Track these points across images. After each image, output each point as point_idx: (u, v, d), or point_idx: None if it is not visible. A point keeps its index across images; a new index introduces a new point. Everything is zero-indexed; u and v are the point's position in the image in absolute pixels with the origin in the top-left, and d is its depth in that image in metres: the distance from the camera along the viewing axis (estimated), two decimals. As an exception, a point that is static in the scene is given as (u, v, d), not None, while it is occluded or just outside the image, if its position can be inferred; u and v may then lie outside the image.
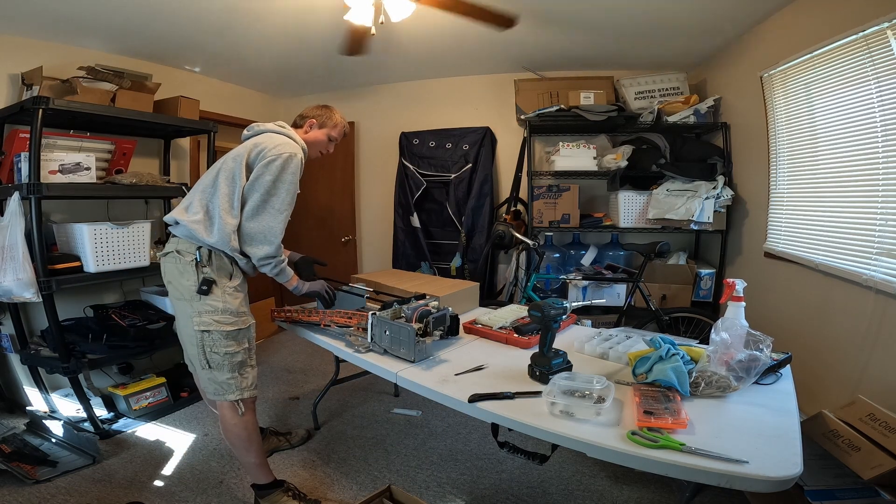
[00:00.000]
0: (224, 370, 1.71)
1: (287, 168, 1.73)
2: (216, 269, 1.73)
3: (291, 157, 1.74)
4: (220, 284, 1.72)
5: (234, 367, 1.72)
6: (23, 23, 2.45)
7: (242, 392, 1.74)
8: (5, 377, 2.60)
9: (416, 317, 1.68)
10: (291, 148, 1.77)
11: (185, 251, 1.73)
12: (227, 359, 1.70)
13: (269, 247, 1.74)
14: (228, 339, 1.70)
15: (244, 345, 1.76)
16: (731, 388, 1.32)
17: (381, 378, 1.69)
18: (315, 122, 2.00)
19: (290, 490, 1.83)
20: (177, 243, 1.76)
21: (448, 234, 3.94)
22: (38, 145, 2.16)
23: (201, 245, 1.71)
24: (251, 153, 1.75)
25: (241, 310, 1.76)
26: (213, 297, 1.70)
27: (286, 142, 1.79)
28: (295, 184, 1.77)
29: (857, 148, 1.99)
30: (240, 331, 1.74)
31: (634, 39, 2.98)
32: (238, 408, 1.73)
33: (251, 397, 1.78)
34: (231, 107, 3.89)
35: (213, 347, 1.69)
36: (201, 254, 1.71)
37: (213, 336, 1.68)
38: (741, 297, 1.44)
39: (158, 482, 2.00)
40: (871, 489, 1.36)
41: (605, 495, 1.90)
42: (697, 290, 3.13)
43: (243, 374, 1.75)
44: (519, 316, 2.01)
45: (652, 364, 1.38)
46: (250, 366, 1.79)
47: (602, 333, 1.87)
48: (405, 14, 2.14)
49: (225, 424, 1.77)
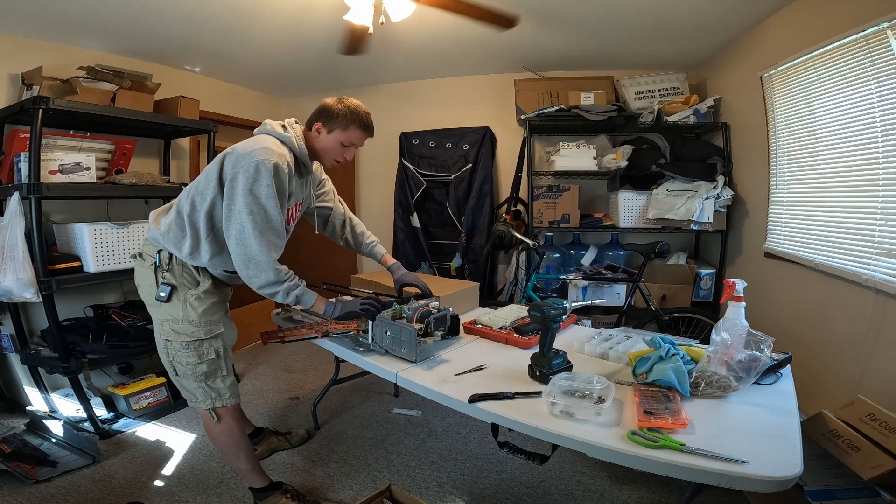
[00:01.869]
0: (190, 380, 1.63)
1: (258, 180, 1.46)
2: (178, 275, 1.60)
3: (260, 165, 1.46)
4: (180, 291, 1.60)
5: (200, 377, 1.63)
6: (23, 23, 2.45)
7: (214, 402, 1.65)
8: (5, 377, 2.60)
9: (416, 317, 1.68)
10: (263, 154, 1.48)
11: (146, 254, 1.64)
12: (190, 369, 1.61)
13: (262, 273, 1.52)
14: (189, 351, 1.60)
15: (209, 356, 1.63)
16: (732, 388, 1.32)
17: (381, 378, 1.69)
18: (322, 126, 1.67)
19: (289, 491, 1.80)
20: (143, 245, 1.68)
21: (448, 234, 3.95)
22: (38, 145, 2.17)
23: (162, 248, 1.60)
24: (225, 161, 1.54)
25: (205, 318, 1.61)
26: (172, 304, 1.59)
27: (260, 148, 1.51)
28: (271, 198, 1.49)
29: (857, 148, 1.99)
30: (202, 342, 1.61)
31: (634, 39, 2.98)
32: (212, 416, 1.66)
33: (228, 406, 1.69)
34: (231, 107, 3.90)
35: (176, 357, 1.61)
36: (161, 258, 1.59)
37: (173, 346, 1.60)
38: (741, 297, 1.44)
39: (158, 482, 2.00)
40: (871, 489, 1.36)
41: (605, 495, 1.90)
42: (697, 290, 3.13)
43: (212, 384, 1.65)
44: (519, 316, 2.01)
45: (652, 364, 1.38)
46: (221, 376, 1.67)
47: (602, 333, 1.87)
48: (405, 14, 2.14)
49: (207, 431, 1.74)
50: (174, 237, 1.59)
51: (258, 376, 3.20)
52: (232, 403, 1.70)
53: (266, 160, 1.48)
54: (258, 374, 3.25)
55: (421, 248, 3.95)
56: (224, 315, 1.73)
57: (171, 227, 1.59)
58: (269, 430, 2.28)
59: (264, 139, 1.58)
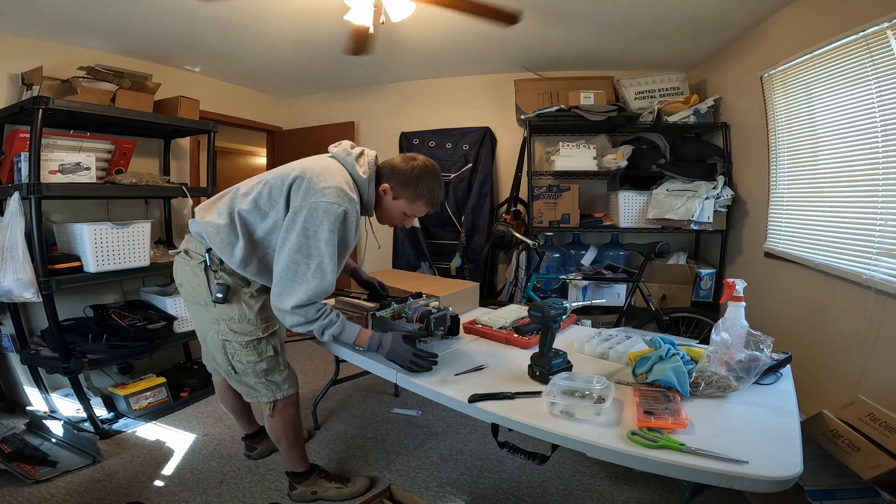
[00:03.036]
0: (250, 376, 1.66)
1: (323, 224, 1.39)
2: (230, 273, 1.58)
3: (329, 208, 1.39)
4: (236, 290, 1.59)
5: (260, 374, 1.65)
6: (23, 23, 2.45)
7: (276, 394, 1.69)
8: (5, 377, 2.60)
9: (416, 317, 1.68)
10: (335, 198, 1.41)
11: (193, 252, 1.60)
12: (250, 367, 1.64)
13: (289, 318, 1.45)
14: (248, 349, 1.62)
15: (267, 353, 1.65)
16: (732, 389, 1.32)
17: (381, 378, 1.69)
18: (390, 189, 1.59)
19: (323, 472, 1.89)
20: (188, 241, 1.64)
21: (448, 234, 3.95)
22: (38, 145, 2.16)
23: (211, 248, 1.56)
24: (293, 186, 1.46)
25: (261, 316, 1.63)
26: (229, 304, 1.57)
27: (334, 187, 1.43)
28: (331, 244, 1.42)
29: (857, 148, 1.99)
30: (260, 340, 1.63)
31: (634, 39, 2.99)
32: (268, 408, 1.70)
33: (288, 396, 1.72)
34: (231, 107, 3.90)
35: (235, 356, 1.63)
36: (211, 257, 1.56)
37: (232, 346, 1.61)
38: (741, 297, 1.44)
39: (158, 482, 1.99)
40: (871, 489, 1.36)
41: (605, 495, 1.90)
42: (697, 290, 3.14)
43: (271, 378, 1.68)
44: (519, 316, 2.01)
45: (652, 364, 1.38)
46: (279, 370, 1.70)
47: (602, 333, 1.87)
48: (405, 14, 2.14)
49: (267, 424, 1.77)
50: (224, 242, 1.52)
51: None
52: (291, 394, 1.73)
53: (336, 204, 1.41)
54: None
55: (421, 248, 3.95)
56: None
57: (219, 232, 1.52)
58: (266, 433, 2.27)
59: (338, 173, 1.49)
